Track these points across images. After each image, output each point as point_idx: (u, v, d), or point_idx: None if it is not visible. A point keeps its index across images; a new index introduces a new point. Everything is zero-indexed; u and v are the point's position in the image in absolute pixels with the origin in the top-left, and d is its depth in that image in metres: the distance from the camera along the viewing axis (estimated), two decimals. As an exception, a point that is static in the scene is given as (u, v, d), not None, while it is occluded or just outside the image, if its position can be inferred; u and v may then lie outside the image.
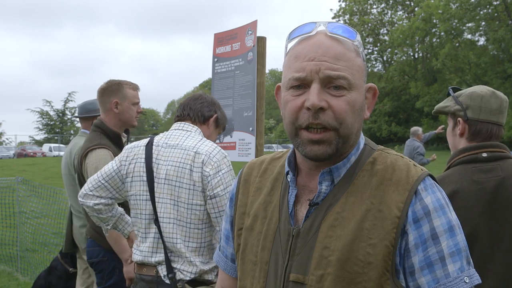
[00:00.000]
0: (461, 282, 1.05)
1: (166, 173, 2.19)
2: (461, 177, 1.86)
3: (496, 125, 1.94)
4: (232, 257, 1.36)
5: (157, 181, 2.21)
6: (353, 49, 1.11)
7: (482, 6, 36.94)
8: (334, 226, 1.08)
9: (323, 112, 1.06)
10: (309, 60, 1.08)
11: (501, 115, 1.94)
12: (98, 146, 2.89)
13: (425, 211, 1.06)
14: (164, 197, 2.19)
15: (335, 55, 1.07)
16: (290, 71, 1.11)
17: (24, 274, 6.29)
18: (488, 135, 1.93)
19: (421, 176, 1.10)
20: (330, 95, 1.07)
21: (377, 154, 1.16)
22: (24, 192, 7.28)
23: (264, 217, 1.21)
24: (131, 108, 3.04)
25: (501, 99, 1.95)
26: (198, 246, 2.19)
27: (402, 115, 44.88)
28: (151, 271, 2.22)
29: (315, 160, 1.11)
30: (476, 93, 1.96)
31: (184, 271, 2.17)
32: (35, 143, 47.37)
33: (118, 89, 3.02)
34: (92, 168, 2.83)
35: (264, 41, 3.30)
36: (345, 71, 1.07)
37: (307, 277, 1.08)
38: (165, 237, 2.18)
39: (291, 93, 1.10)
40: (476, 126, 1.94)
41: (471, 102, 1.96)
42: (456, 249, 1.06)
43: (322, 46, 1.08)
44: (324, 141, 1.07)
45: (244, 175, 1.33)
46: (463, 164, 1.91)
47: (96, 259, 2.95)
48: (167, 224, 2.18)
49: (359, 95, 1.11)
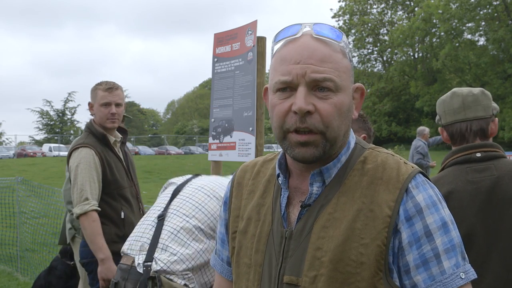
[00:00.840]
0: (457, 278, 1.05)
1: (203, 184, 2.39)
2: (456, 178, 1.87)
3: (466, 121, 1.95)
4: (228, 260, 1.36)
5: (191, 185, 2.40)
6: (339, 50, 1.11)
7: (482, 6, 36.94)
8: (326, 227, 1.08)
9: (310, 115, 1.06)
10: (294, 63, 1.07)
11: (468, 111, 1.95)
12: (81, 145, 2.95)
13: (417, 208, 1.06)
14: (190, 197, 2.33)
15: (320, 58, 1.07)
16: (276, 74, 1.10)
17: (24, 274, 6.29)
18: (461, 135, 1.96)
19: (412, 174, 1.09)
20: (317, 97, 1.07)
21: (367, 153, 1.16)
22: (24, 192, 7.27)
23: (257, 220, 1.21)
24: (100, 110, 3.03)
25: (462, 96, 1.97)
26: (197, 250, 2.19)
27: (402, 115, 44.89)
28: (129, 261, 2.23)
29: (303, 162, 1.11)
30: (439, 100, 2.05)
31: (159, 260, 2.13)
32: (35, 143, 47.38)
33: (93, 90, 3.10)
34: (74, 167, 2.88)
35: (264, 41, 3.29)
36: (331, 73, 1.07)
37: (300, 279, 1.08)
38: (165, 226, 2.22)
39: (278, 97, 1.10)
40: (449, 130, 2.00)
41: (438, 110, 2.05)
42: (451, 245, 1.06)
43: (308, 48, 1.08)
44: (310, 142, 1.07)
45: (237, 178, 1.33)
46: (457, 165, 1.92)
47: (87, 259, 2.95)
48: (177, 216, 2.24)
49: (347, 97, 1.10)
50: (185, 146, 49.19)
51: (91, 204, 2.80)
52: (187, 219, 2.22)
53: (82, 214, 2.77)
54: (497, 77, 35.48)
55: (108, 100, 3.01)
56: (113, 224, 2.92)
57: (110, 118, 3.02)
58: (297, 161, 1.12)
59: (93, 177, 2.86)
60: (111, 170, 2.98)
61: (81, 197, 2.80)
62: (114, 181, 2.97)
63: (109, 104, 3.01)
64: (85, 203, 2.78)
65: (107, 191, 2.94)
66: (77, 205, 2.80)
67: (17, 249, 6.76)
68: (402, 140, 39.63)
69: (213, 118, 3.61)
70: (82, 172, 2.84)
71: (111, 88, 3.03)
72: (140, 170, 18.62)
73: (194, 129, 62.16)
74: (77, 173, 2.85)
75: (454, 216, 1.81)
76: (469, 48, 37.75)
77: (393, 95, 44.62)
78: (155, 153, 41.14)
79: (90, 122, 3.11)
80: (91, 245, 2.80)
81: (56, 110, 49.48)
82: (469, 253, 1.79)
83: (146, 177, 17.92)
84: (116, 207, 2.96)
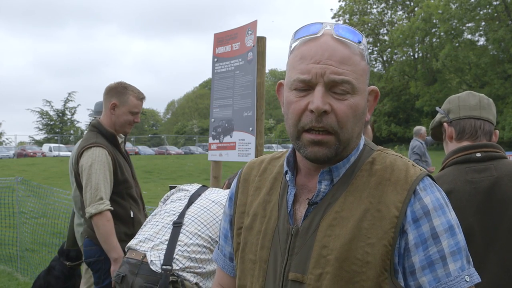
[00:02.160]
0: (462, 281, 1.05)
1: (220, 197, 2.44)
2: (455, 177, 1.87)
3: (480, 120, 1.96)
4: (230, 256, 1.37)
5: (207, 195, 2.45)
6: (359, 52, 1.11)
7: (482, 6, 36.94)
8: (332, 225, 1.09)
9: (326, 115, 1.06)
10: (314, 63, 1.07)
11: (483, 111, 1.96)
12: (94, 144, 2.91)
13: (424, 210, 1.06)
14: (206, 207, 2.37)
15: (340, 59, 1.07)
16: (295, 71, 1.11)
17: (24, 274, 6.29)
18: (473, 130, 1.95)
19: (420, 176, 1.10)
20: (334, 98, 1.07)
21: (376, 154, 1.17)
22: (24, 192, 7.27)
23: (263, 216, 1.21)
24: (128, 115, 3.04)
25: (479, 96, 1.99)
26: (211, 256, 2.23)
27: (402, 115, 44.90)
28: (138, 256, 2.23)
29: (315, 162, 1.12)
30: (453, 96, 2.05)
31: (179, 261, 2.16)
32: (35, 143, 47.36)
33: (122, 92, 3.03)
34: (87, 166, 2.84)
35: (264, 41, 3.29)
36: (350, 76, 1.07)
37: (306, 276, 1.08)
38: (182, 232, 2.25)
39: (295, 94, 1.10)
40: (460, 124, 1.98)
41: (450, 105, 2.03)
42: (457, 248, 1.07)
43: (328, 48, 1.08)
44: (324, 143, 1.08)
45: (243, 174, 1.34)
46: (457, 165, 1.92)
47: (93, 258, 2.95)
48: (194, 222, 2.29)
49: (362, 99, 1.11)
50: (185, 146, 49.20)
51: (106, 204, 2.79)
52: (205, 228, 2.27)
53: (97, 213, 2.76)
54: (497, 77, 35.48)
55: (138, 109, 3.08)
56: (123, 224, 2.93)
57: (131, 125, 3.09)
58: (309, 161, 1.13)
59: (107, 176, 2.86)
60: (121, 170, 2.99)
61: (95, 197, 2.79)
62: (124, 181, 2.98)
63: (137, 113, 3.08)
64: (99, 203, 2.78)
65: (117, 190, 2.94)
66: (90, 204, 2.79)
67: (17, 249, 6.76)
68: (402, 140, 39.65)
69: (213, 118, 3.61)
70: (97, 171, 2.83)
71: (143, 98, 3.11)
72: (140, 170, 18.62)
73: (194, 129, 62.23)
74: (91, 173, 2.83)
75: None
76: (469, 48, 37.76)
77: (393, 95, 44.64)
78: (155, 153, 41.14)
79: (97, 122, 3.06)
80: (104, 245, 2.80)
81: (56, 110, 49.46)
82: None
83: (146, 177, 17.90)
84: (125, 207, 2.97)
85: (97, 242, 2.91)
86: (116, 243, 2.78)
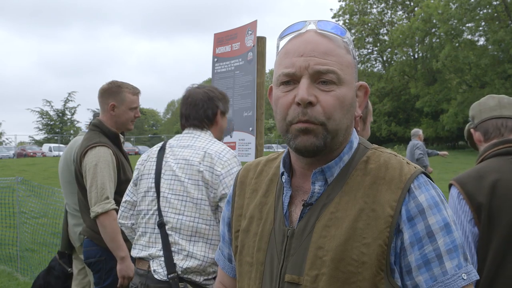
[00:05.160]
0: (459, 279, 1.05)
1: (174, 170, 2.25)
2: (501, 167, 1.94)
3: (501, 118, 2.07)
4: (229, 257, 1.37)
5: (165, 177, 2.27)
6: (343, 46, 1.13)
7: (482, 6, 36.93)
8: (328, 226, 1.08)
9: (312, 107, 1.07)
10: (298, 56, 1.09)
11: (504, 109, 2.08)
12: (98, 144, 2.90)
13: (419, 209, 1.06)
14: (170, 192, 2.23)
15: (324, 51, 1.09)
16: (280, 67, 1.12)
17: (23, 274, 6.29)
18: (496, 129, 2.06)
19: (414, 174, 1.09)
20: (319, 90, 1.08)
21: (370, 153, 1.16)
22: (24, 192, 7.27)
23: (260, 219, 1.21)
24: (128, 113, 3.07)
25: (498, 98, 2.11)
26: (205, 242, 2.19)
27: (402, 115, 44.89)
28: (144, 266, 2.24)
29: (304, 152, 1.10)
30: (474, 103, 2.19)
31: (178, 266, 2.15)
32: (35, 143, 47.38)
33: (117, 92, 3.05)
34: (91, 165, 2.84)
35: (264, 41, 3.29)
36: (334, 66, 1.08)
37: (302, 278, 1.08)
38: (168, 231, 2.20)
39: (281, 90, 1.11)
40: (483, 127, 2.10)
41: (473, 112, 2.17)
42: (453, 246, 1.06)
43: (312, 42, 1.10)
44: (311, 130, 1.07)
45: (240, 177, 1.34)
46: (500, 156, 1.99)
47: (94, 259, 2.95)
48: (171, 218, 2.20)
49: (349, 91, 1.11)
50: (185, 146, 48.93)
51: (112, 203, 2.80)
52: (180, 217, 2.19)
53: (103, 212, 2.76)
54: (497, 77, 35.45)
55: (137, 104, 3.11)
56: None
57: (133, 121, 3.13)
58: (299, 154, 1.12)
59: (111, 176, 2.87)
60: (124, 169, 3.00)
61: (101, 196, 2.79)
62: (126, 180, 2.97)
63: (136, 108, 3.11)
64: (106, 202, 2.78)
65: (119, 190, 2.93)
66: (96, 204, 2.78)
67: (17, 249, 6.76)
68: (402, 140, 39.63)
69: (213, 118, 3.61)
70: (102, 171, 2.83)
71: (139, 93, 3.14)
72: (140, 170, 18.56)
73: (194, 129, 61.93)
74: (96, 172, 2.82)
75: (501, 203, 1.85)
76: (469, 48, 37.73)
77: (393, 95, 44.62)
78: (155, 153, 40.95)
79: (98, 121, 3.06)
80: (110, 244, 2.80)
81: (56, 110, 49.47)
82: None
83: (146, 177, 17.86)
84: None
85: (98, 242, 2.91)
86: (122, 242, 2.78)
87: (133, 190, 2.42)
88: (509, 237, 1.82)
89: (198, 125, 2.40)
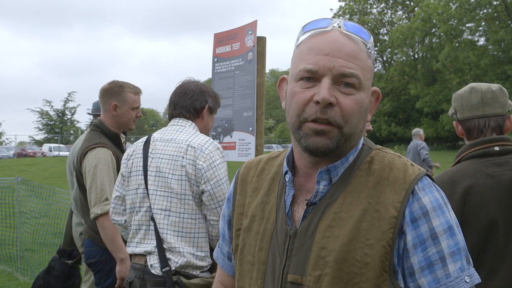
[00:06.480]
0: (462, 281, 1.04)
1: (158, 165, 2.26)
2: (476, 171, 1.88)
3: (484, 118, 1.97)
4: (228, 255, 1.36)
5: (150, 174, 2.27)
6: (365, 50, 1.11)
7: (482, 6, 36.93)
8: (331, 226, 1.08)
9: (331, 108, 1.05)
10: (323, 55, 1.07)
11: (487, 107, 1.96)
12: (98, 145, 2.90)
13: (423, 211, 1.05)
14: (157, 189, 2.25)
15: (349, 53, 1.07)
16: (302, 62, 1.09)
17: (24, 274, 6.29)
18: (479, 130, 1.97)
19: (418, 176, 1.09)
20: (340, 92, 1.06)
21: (374, 153, 1.16)
22: (24, 192, 7.28)
23: (261, 218, 1.20)
24: (130, 112, 3.06)
25: (481, 92, 1.97)
26: (192, 236, 2.22)
27: (402, 115, 44.91)
28: (141, 260, 2.25)
29: (315, 153, 1.09)
30: (457, 94, 2.05)
31: (173, 261, 2.19)
32: (35, 143, 47.34)
33: (119, 92, 3.04)
34: (91, 166, 2.83)
35: (264, 41, 3.29)
36: (358, 70, 1.07)
37: (304, 278, 1.07)
38: (158, 228, 2.21)
39: (300, 85, 1.09)
40: (465, 125, 2.01)
41: (455, 104, 2.05)
42: (456, 248, 1.06)
43: (338, 42, 1.08)
44: (326, 132, 1.06)
45: (241, 175, 1.33)
46: (475, 158, 1.93)
47: (94, 259, 2.95)
48: (159, 215, 2.22)
49: (367, 96, 1.11)
50: (185, 146, 48.98)
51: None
52: (167, 213, 2.22)
53: (102, 214, 2.76)
54: (497, 78, 35.44)
55: (138, 104, 3.11)
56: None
57: (135, 121, 3.12)
58: (308, 153, 1.11)
59: (111, 177, 2.86)
60: None
61: (101, 197, 2.79)
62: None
63: (138, 107, 3.11)
64: (105, 203, 2.77)
65: None
66: (96, 205, 2.78)
67: (17, 249, 6.76)
68: (402, 140, 39.63)
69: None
70: (102, 172, 2.83)
71: (140, 92, 3.14)
72: (140, 170, 18.55)
73: (194, 129, 61.94)
74: (96, 173, 2.82)
75: (476, 210, 1.80)
76: (469, 48, 37.73)
77: (393, 95, 44.63)
78: (155, 153, 41.00)
79: (99, 121, 3.05)
80: (110, 245, 2.79)
81: (56, 110, 49.43)
82: (489, 246, 1.79)
83: (146, 177, 17.86)
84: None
85: (98, 242, 2.91)
86: (121, 243, 2.77)
87: (121, 185, 2.42)
88: (481, 244, 1.80)
89: (184, 114, 2.39)
